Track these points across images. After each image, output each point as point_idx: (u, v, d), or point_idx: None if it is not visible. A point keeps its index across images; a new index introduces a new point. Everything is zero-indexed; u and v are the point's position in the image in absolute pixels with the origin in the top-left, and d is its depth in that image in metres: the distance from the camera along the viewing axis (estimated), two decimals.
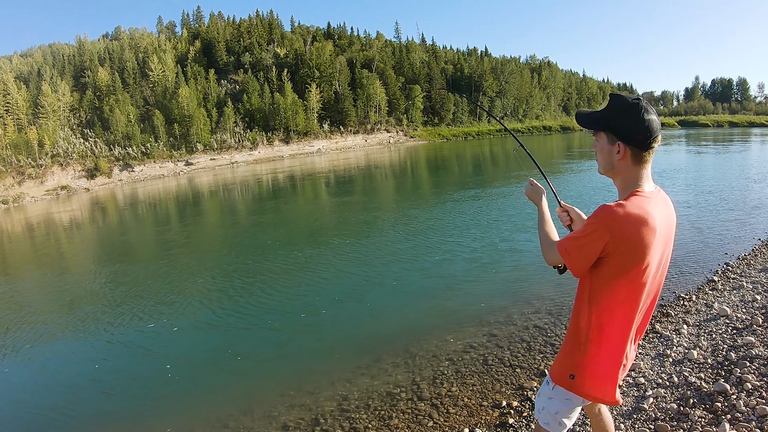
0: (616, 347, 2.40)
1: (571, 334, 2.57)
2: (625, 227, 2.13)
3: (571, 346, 2.53)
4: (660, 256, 2.30)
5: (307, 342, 8.09)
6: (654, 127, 2.20)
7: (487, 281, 9.98)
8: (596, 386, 2.49)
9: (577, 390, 2.52)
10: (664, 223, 2.29)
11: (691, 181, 21.49)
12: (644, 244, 2.17)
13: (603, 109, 2.37)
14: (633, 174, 2.30)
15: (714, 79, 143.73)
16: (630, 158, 2.27)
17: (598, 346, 2.40)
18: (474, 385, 5.99)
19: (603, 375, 2.46)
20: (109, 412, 6.45)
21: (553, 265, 2.62)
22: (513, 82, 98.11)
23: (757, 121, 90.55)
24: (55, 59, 74.94)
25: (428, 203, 20.79)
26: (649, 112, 2.21)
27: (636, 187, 2.28)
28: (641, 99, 2.25)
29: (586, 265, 2.30)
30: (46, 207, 34.84)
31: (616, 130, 2.27)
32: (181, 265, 13.57)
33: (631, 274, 2.23)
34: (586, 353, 2.44)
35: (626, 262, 2.19)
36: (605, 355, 2.41)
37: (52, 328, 9.61)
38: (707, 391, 4.76)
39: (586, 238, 2.23)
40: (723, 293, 7.92)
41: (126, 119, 59.18)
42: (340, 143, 74.79)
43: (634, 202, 2.20)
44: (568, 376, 2.53)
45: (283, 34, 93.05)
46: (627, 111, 2.24)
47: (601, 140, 2.36)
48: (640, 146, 2.23)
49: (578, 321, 2.45)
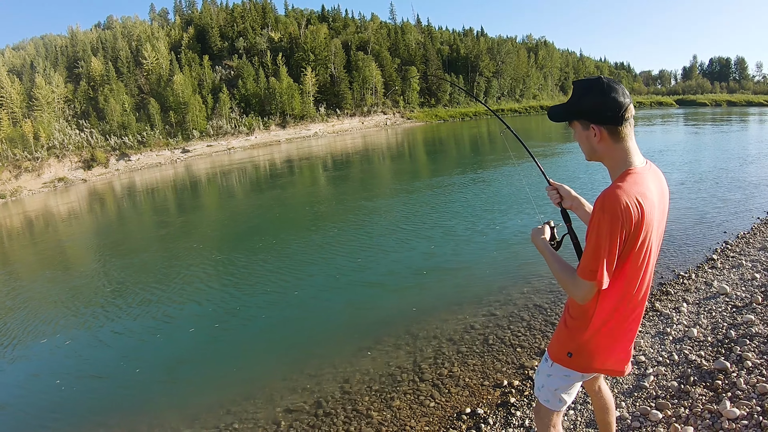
0: (615, 323, 2.41)
1: (568, 313, 2.58)
2: (630, 210, 2.11)
3: (569, 324, 2.55)
4: (656, 230, 2.29)
5: (308, 325, 8.12)
6: (621, 100, 2.19)
7: (486, 262, 9.99)
8: (595, 361, 2.50)
9: (576, 366, 2.54)
10: (659, 196, 2.29)
11: (689, 160, 21.46)
12: (646, 221, 2.16)
13: (569, 99, 2.37)
14: (618, 152, 2.28)
15: (712, 58, 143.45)
16: (608, 137, 2.25)
17: (597, 324, 2.42)
18: (475, 365, 6.01)
19: (603, 351, 2.47)
20: (113, 400, 6.48)
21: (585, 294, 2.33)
22: (509, 62, 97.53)
23: (755, 100, 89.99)
24: (48, 51, 74.31)
25: (425, 185, 20.75)
26: (613, 87, 2.20)
27: (627, 166, 2.26)
28: (601, 77, 2.24)
29: (612, 268, 2.22)
30: (44, 200, 34.72)
31: (586, 114, 2.28)
32: (181, 254, 13.58)
33: (632, 253, 2.23)
34: (584, 331, 2.46)
35: (630, 241, 2.19)
36: (604, 331, 2.43)
37: (55, 318, 9.63)
38: (708, 369, 4.78)
39: (605, 239, 2.15)
40: (722, 271, 7.92)
41: (121, 108, 58.79)
42: (337, 126, 74.42)
43: (630, 180, 2.19)
44: (566, 353, 2.55)
45: (277, 18, 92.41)
46: (590, 92, 2.24)
47: (577, 129, 2.37)
48: (613, 122, 2.21)
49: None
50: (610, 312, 2.38)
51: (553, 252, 2.59)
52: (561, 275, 2.43)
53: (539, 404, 2.78)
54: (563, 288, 2.44)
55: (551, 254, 2.56)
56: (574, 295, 2.35)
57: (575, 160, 23.31)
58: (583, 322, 2.45)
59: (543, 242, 2.66)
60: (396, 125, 77.71)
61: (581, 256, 2.33)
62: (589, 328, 2.43)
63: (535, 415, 2.88)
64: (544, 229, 2.73)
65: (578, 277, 2.28)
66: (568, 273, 2.39)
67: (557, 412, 2.74)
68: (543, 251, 2.63)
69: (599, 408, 3.12)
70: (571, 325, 2.53)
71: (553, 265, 2.49)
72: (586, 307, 2.41)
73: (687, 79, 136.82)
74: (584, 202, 2.83)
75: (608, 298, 2.35)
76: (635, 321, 2.49)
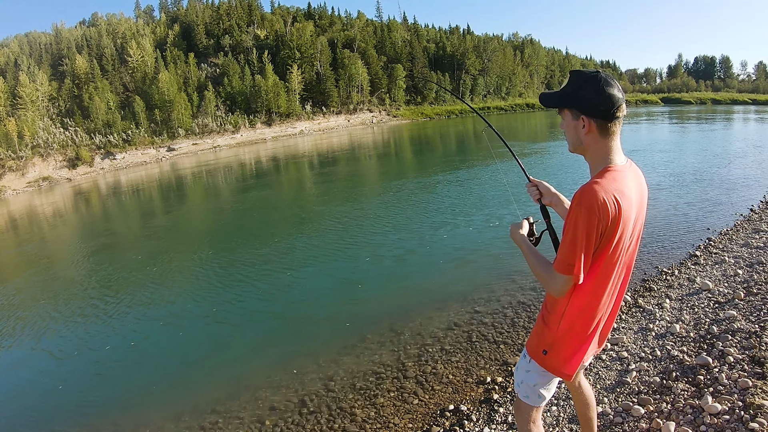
0: (587, 322, 2.41)
1: (545, 309, 2.58)
2: (607, 205, 2.11)
3: (546, 321, 2.55)
4: (632, 227, 2.30)
5: (292, 324, 8.11)
6: (616, 97, 2.19)
7: (470, 259, 10.01)
8: (567, 361, 2.51)
9: (549, 365, 2.55)
10: (637, 195, 2.30)
11: (673, 158, 21.63)
12: (623, 218, 2.17)
13: (564, 87, 2.37)
14: (602, 147, 2.28)
15: (697, 56, 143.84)
16: (596, 131, 2.25)
17: (571, 322, 2.42)
18: (459, 362, 6.02)
19: (572, 351, 2.47)
20: (96, 401, 6.44)
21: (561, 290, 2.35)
22: (496, 60, 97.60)
23: (740, 98, 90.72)
24: (32, 48, 73.33)
25: (410, 184, 20.73)
26: (609, 83, 2.20)
27: (608, 163, 2.27)
28: (600, 71, 2.25)
29: (589, 263, 2.23)
30: (28, 199, 34.34)
31: (579, 105, 2.27)
32: (165, 253, 13.49)
33: (606, 249, 2.23)
34: (558, 329, 2.46)
35: (605, 237, 2.18)
36: (577, 330, 2.43)
37: (40, 320, 9.52)
38: (690, 365, 4.80)
39: (581, 233, 2.15)
40: (705, 268, 7.98)
41: (106, 107, 58.17)
42: (323, 124, 74.17)
43: (609, 177, 2.19)
44: (541, 351, 2.56)
45: (263, 15, 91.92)
46: (587, 84, 2.24)
47: (567, 118, 2.36)
48: (604, 117, 2.21)
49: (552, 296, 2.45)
50: (583, 308, 2.38)
51: (531, 246, 2.60)
52: (538, 269, 2.44)
53: (519, 400, 2.78)
54: (540, 282, 2.46)
55: (529, 248, 2.57)
56: (551, 289, 2.36)
57: (556, 158, 23.43)
58: (556, 317, 2.46)
59: (521, 237, 2.66)
60: (382, 123, 77.61)
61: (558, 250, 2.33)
62: (562, 323, 2.44)
63: (516, 410, 2.88)
64: (522, 224, 2.73)
65: (554, 271, 2.30)
66: (544, 267, 2.40)
67: (537, 407, 2.74)
68: (521, 245, 2.64)
69: (580, 403, 3.14)
70: (548, 320, 2.53)
71: (530, 259, 2.51)
72: (560, 302, 2.42)
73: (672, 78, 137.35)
74: (563, 198, 2.84)
75: (580, 295, 2.35)
76: (610, 318, 2.51)
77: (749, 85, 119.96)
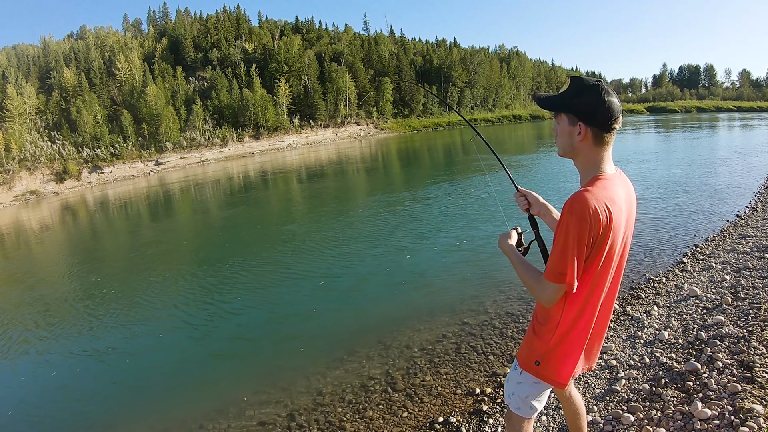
0: (581, 331, 2.40)
1: (536, 319, 2.57)
2: (598, 214, 2.11)
3: (537, 332, 2.53)
4: (623, 236, 2.30)
5: (280, 338, 8.06)
6: (615, 108, 2.20)
7: (457, 270, 10.00)
8: (560, 371, 2.48)
9: (542, 375, 2.52)
10: (627, 203, 2.30)
11: (660, 166, 21.78)
12: (614, 226, 2.17)
13: (564, 91, 2.35)
14: (594, 156, 2.29)
15: (682, 65, 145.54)
16: (591, 139, 2.25)
17: (563, 331, 2.40)
18: (448, 373, 5.99)
19: (566, 359, 2.45)
20: (83, 416, 6.36)
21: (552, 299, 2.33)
22: (482, 72, 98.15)
23: (724, 106, 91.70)
24: (19, 61, 73.02)
25: (398, 197, 20.73)
26: (610, 94, 2.21)
27: (598, 171, 2.28)
28: (601, 81, 2.25)
29: (581, 271, 2.22)
30: (15, 213, 34.09)
31: (578, 111, 2.26)
32: (153, 267, 13.38)
33: (598, 258, 2.22)
34: (552, 338, 2.44)
35: (597, 245, 2.18)
36: (571, 338, 2.41)
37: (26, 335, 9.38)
38: (679, 371, 4.79)
39: (572, 241, 2.15)
40: (693, 274, 8.01)
41: (93, 120, 57.90)
42: (311, 137, 74.16)
43: (600, 185, 2.20)
44: (533, 362, 2.54)
45: (251, 29, 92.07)
46: (588, 92, 2.23)
47: (562, 122, 2.35)
48: (601, 127, 2.22)
49: (543, 305, 2.44)
50: (576, 317, 2.36)
51: (519, 256, 2.59)
52: (527, 278, 2.43)
53: (510, 412, 2.76)
54: (530, 291, 2.44)
55: (517, 258, 2.56)
56: (540, 299, 2.34)
57: (544, 168, 23.48)
58: (549, 327, 2.44)
59: (509, 247, 2.65)
60: (370, 136, 77.71)
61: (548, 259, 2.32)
62: (556, 333, 2.42)
63: (507, 422, 2.85)
64: (510, 234, 2.72)
65: (544, 280, 2.28)
66: (534, 276, 2.39)
67: (528, 419, 2.72)
68: (509, 255, 2.62)
69: (570, 413, 3.12)
70: (539, 331, 2.51)
71: (519, 269, 2.50)
72: (553, 312, 2.40)
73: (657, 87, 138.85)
74: (552, 208, 2.84)
75: (574, 304, 2.34)
76: (602, 326, 2.49)
77: (733, 92, 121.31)
